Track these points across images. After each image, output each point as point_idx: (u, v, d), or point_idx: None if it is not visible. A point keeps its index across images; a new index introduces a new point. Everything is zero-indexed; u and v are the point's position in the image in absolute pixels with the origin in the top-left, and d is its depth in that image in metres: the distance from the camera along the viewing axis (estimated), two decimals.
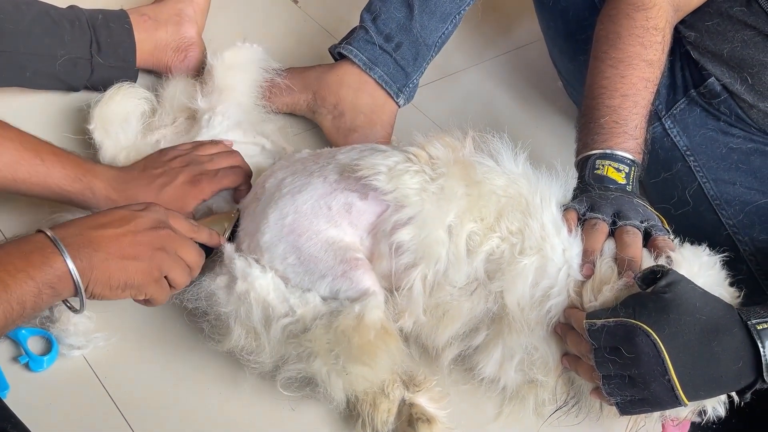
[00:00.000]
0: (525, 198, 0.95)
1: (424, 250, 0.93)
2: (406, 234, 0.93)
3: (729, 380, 0.83)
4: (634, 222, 0.95)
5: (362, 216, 0.95)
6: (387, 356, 0.92)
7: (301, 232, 0.94)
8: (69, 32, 1.21)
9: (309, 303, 0.92)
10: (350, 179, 0.96)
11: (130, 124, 1.17)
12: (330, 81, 1.30)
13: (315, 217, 0.95)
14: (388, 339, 0.92)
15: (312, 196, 0.96)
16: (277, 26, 1.57)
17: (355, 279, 0.93)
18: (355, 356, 0.89)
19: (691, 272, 0.88)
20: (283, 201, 0.96)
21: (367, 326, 0.89)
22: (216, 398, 0.99)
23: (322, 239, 0.94)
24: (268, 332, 0.92)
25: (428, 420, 0.96)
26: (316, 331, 0.90)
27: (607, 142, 1.03)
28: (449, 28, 1.31)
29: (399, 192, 0.93)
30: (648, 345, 0.80)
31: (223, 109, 1.17)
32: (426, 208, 0.92)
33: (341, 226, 0.95)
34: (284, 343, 0.91)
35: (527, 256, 0.92)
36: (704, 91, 1.24)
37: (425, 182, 0.94)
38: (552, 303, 0.92)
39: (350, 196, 0.96)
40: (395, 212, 0.94)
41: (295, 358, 0.91)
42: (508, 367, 0.96)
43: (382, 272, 0.95)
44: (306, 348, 0.90)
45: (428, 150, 0.96)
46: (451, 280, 0.94)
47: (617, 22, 1.11)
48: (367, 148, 1.02)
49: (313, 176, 0.98)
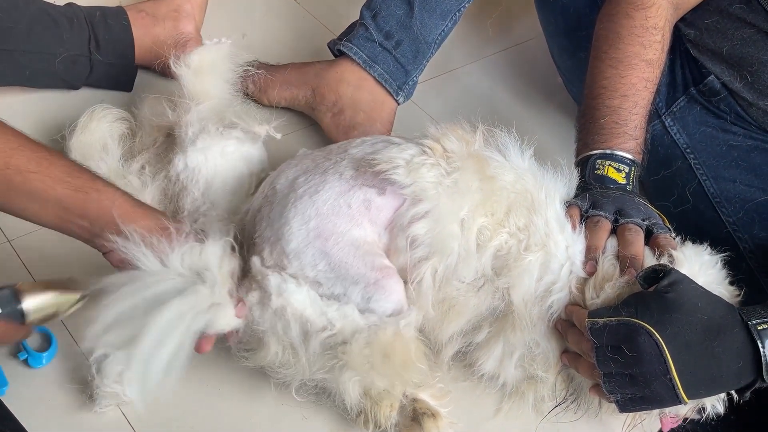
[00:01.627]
0: (531, 194, 0.95)
1: (439, 244, 0.92)
2: (421, 228, 0.92)
3: (729, 379, 0.83)
4: (635, 220, 0.95)
5: (381, 212, 0.94)
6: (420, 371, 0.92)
7: (327, 236, 0.92)
8: (67, 30, 1.21)
9: (348, 316, 0.90)
10: (367, 174, 0.94)
11: (110, 151, 1.12)
12: (329, 78, 1.30)
13: (337, 217, 0.93)
14: (420, 353, 0.92)
15: (331, 195, 0.94)
16: (276, 22, 1.57)
17: (388, 288, 0.91)
18: (395, 371, 0.89)
19: (692, 271, 0.88)
20: (302, 203, 0.94)
21: (408, 342, 0.90)
22: (216, 397, 0.99)
23: (348, 242, 0.92)
24: (307, 347, 0.90)
25: (433, 414, 0.96)
26: (355, 345, 0.88)
27: (607, 143, 1.03)
28: (449, 25, 1.31)
29: (417, 185, 0.92)
30: (650, 344, 0.80)
31: (189, 118, 1.11)
32: (441, 202, 0.92)
33: (362, 224, 0.93)
34: (321, 355, 0.90)
35: (532, 252, 0.92)
36: (704, 89, 1.24)
37: (441, 176, 0.93)
38: (554, 299, 0.93)
39: (368, 192, 0.94)
40: (412, 206, 0.93)
41: (325, 369, 0.90)
42: (508, 364, 0.97)
43: (399, 266, 0.95)
44: (341, 360, 0.89)
45: (443, 143, 0.95)
46: (459, 275, 0.93)
47: (617, 21, 1.11)
48: (379, 141, 1.00)
49: (328, 173, 0.96)
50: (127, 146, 1.16)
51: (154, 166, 1.13)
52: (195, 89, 1.14)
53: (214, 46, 1.19)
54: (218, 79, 1.18)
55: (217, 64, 1.18)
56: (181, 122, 1.12)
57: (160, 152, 1.15)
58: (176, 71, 1.15)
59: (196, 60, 1.15)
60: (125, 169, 1.12)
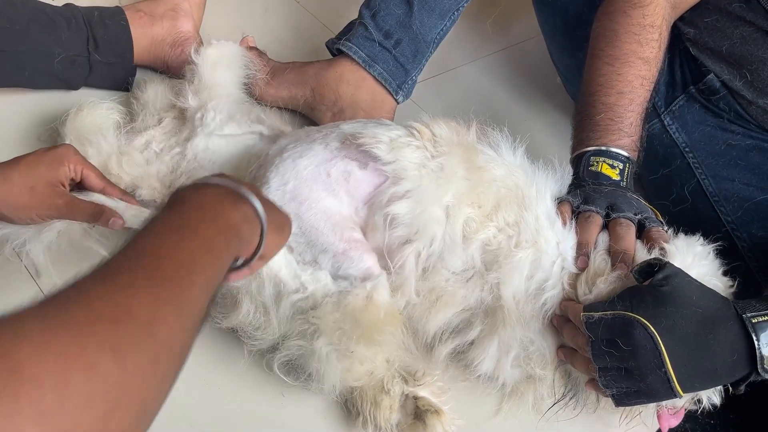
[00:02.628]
0: (522, 189, 0.95)
1: (419, 226, 0.93)
2: (402, 207, 0.93)
3: (724, 373, 0.83)
4: (627, 214, 0.95)
5: (360, 185, 0.95)
6: (393, 336, 0.92)
7: (302, 200, 0.94)
8: (65, 30, 1.21)
9: (320, 281, 0.92)
10: (351, 147, 0.96)
11: (108, 130, 1.14)
12: (329, 78, 1.30)
13: (314, 183, 0.94)
14: (394, 319, 0.92)
15: (312, 161, 0.96)
16: (275, 20, 1.57)
17: (356, 258, 0.93)
18: (364, 335, 0.89)
19: (684, 263, 0.89)
20: (284, 165, 0.96)
21: (377, 305, 0.90)
22: (215, 395, 0.99)
23: (321, 208, 0.94)
24: (278, 308, 0.91)
25: (436, 411, 0.96)
26: (324, 308, 0.90)
27: (602, 139, 1.03)
28: (448, 24, 1.31)
29: (398, 164, 0.93)
30: (645, 338, 0.80)
31: (214, 104, 1.16)
32: (424, 184, 0.93)
33: (339, 194, 0.95)
34: (292, 319, 0.91)
35: (523, 249, 0.92)
36: (703, 88, 1.24)
37: (425, 159, 0.94)
38: (547, 296, 0.93)
39: (350, 164, 0.96)
40: (393, 185, 0.94)
41: (299, 335, 0.91)
42: (504, 363, 0.96)
43: (376, 245, 0.95)
44: (312, 325, 0.90)
45: (432, 128, 0.96)
46: (446, 263, 0.94)
47: (614, 19, 1.11)
48: (372, 121, 1.02)
49: (315, 143, 0.98)
50: (129, 126, 1.18)
51: (162, 143, 1.15)
52: (212, 80, 1.18)
53: (227, 44, 1.23)
54: (232, 74, 1.23)
55: (232, 60, 1.23)
56: (206, 107, 1.15)
57: (167, 131, 1.18)
58: (194, 60, 1.19)
59: (214, 53, 1.20)
60: (127, 145, 1.14)
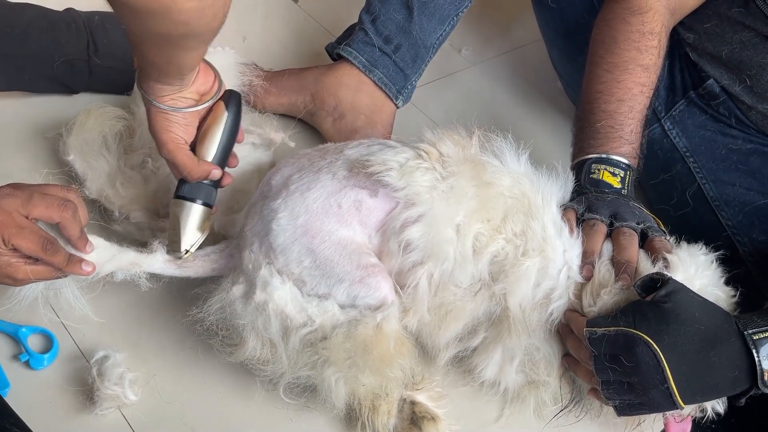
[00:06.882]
0: (528, 198, 0.95)
1: (433, 249, 0.92)
2: (415, 232, 0.92)
3: (725, 387, 0.84)
4: (630, 224, 0.95)
5: (372, 214, 0.94)
6: (402, 369, 0.92)
7: (314, 234, 0.92)
8: (65, 34, 1.21)
9: (327, 312, 0.90)
10: (360, 175, 0.95)
11: (110, 148, 1.13)
12: (329, 82, 1.30)
13: (326, 216, 0.93)
14: (404, 348, 0.92)
15: (321, 193, 0.94)
16: (277, 25, 1.57)
17: (373, 285, 0.91)
18: (375, 366, 0.89)
19: (687, 274, 0.89)
20: (293, 199, 0.94)
21: (387, 336, 0.89)
22: (219, 402, 1.00)
23: (335, 240, 0.92)
24: (287, 343, 0.90)
25: (433, 418, 0.96)
26: (334, 340, 0.89)
27: (602, 147, 1.03)
28: (447, 29, 1.31)
29: (410, 189, 0.92)
30: (648, 354, 0.81)
31: None
32: (436, 207, 0.92)
33: (351, 225, 0.93)
34: (301, 352, 0.90)
35: (530, 257, 0.92)
36: (703, 93, 1.24)
37: (436, 180, 0.93)
38: (554, 306, 0.93)
39: (360, 193, 0.94)
40: (405, 209, 0.93)
41: (308, 365, 0.90)
42: (508, 369, 0.97)
43: (390, 270, 0.94)
44: (321, 356, 0.89)
45: (439, 148, 0.95)
46: (456, 280, 0.93)
47: (613, 26, 1.11)
48: (375, 143, 1.00)
49: (321, 172, 0.96)
50: (126, 143, 1.17)
51: (158, 161, 1.13)
52: None
53: (223, 53, 1.20)
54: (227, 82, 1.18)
55: (225, 70, 1.19)
56: None
57: None
58: None
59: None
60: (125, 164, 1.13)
